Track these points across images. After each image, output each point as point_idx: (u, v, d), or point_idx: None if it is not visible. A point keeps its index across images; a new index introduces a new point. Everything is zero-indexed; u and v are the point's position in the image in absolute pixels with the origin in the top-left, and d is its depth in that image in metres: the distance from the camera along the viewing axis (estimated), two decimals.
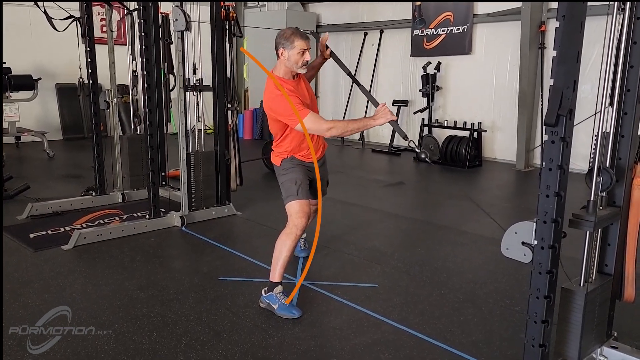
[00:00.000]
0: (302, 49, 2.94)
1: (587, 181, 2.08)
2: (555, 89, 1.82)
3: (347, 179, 6.62)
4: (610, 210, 2.17)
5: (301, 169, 3.17)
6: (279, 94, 2.94)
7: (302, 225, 3.03)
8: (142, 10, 4.34)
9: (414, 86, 8.70)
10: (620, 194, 2.19)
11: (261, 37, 9.60)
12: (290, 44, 2.94)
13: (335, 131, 2.94)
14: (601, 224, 2.11)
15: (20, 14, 8.17)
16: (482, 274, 3.64)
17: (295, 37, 2.95)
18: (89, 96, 5.11)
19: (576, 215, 2.03)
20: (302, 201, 3.06)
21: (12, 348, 2.60)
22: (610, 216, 2.15)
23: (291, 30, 3.00)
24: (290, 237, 3.01)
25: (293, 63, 2.97)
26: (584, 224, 2.01)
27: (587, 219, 2.00)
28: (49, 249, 4.01)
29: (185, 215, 4.62)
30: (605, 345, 2.32)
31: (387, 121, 2.93)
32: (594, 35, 2.51)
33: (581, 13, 1.80)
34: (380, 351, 2.63)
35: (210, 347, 2.64)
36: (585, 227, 2.02)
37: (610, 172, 2.09)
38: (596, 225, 2.01)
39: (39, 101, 8.53)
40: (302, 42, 2.94)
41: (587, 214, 2.02)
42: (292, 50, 2.95)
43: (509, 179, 7.04)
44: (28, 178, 5.92)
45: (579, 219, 2.02)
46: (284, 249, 3.01)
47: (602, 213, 2.10)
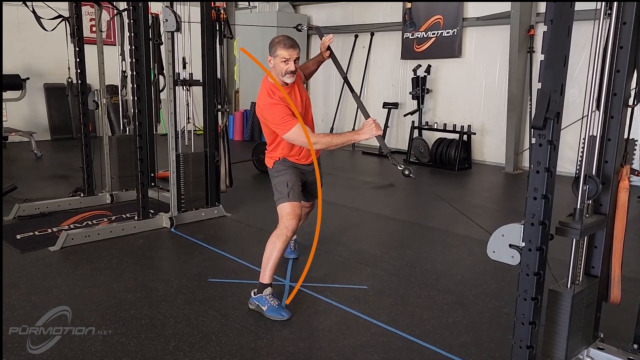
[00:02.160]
0: (284, 58, 2.93)
1: (573, 189, 2.10)
2: (542, 93, 1.84)
3: (337, 181, 6.62)
4: (597, 218, 2.19)
5: (293, 170, 3.17)
6: (271, 102, 2.96)
7: (293, 227, 3.04)
8: (131, 10, 4.32)
9: (404, 89, 8.72)
10: (606, 202, 2.21)
11: (252, 39, 9.60)
12: (274, 51, 2.95)
13: (320, 146, 2.98)
14: (587, 231, 2.13)
15: (9, 13, 8.08)
16: (470, 276, 3.66)
17: (278, 45, 2.94)
18: (78, 96, 5.08)
19: (563, 223, 2.05)
20: (293, 203, 3.06)
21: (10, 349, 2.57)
22: (596, 224, 2.17)
23: (278, 39, 2.99)
24: (280, 239, 3.01)
25: (279, 71, 2.98)
26: (570, 232, 2.03)
27: (573, 226, 2.03)
28: (36, 250, 3.97)
29: (175, 216, 4.60)
30: (592, 346, 2.33)
31: (372, 136, 2.94)
32: (582, 39, 2.54)
33: (569, 17, 1.82)
34: (369, 353, 2.64)
35: (198, 349, 2.63)
36: (572, 235, 2.04)
37: (597, 180, 2.10)
38: (582, 232, 2.03)
39: (27, 101, 8.47)
40: (285, 52, 2.92)
41: (574, 222, 2.04)
42: (276, 59, 2.96)
43: (498, 182, 7.09)
44: (15, 178, 5.86)
45: (565, 227, 2.04)
46: (274, 250, 3.01)
47: (589, 221, 2.11)
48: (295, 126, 2.91)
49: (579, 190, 2.07)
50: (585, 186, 2.08)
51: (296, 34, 3.65)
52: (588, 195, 2.11)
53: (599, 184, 2.11)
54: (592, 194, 2.11)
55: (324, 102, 9.91)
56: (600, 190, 2.12)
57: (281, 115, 2.92)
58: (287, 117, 2.91)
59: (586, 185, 2.08)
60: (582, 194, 2.07)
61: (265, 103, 2.97)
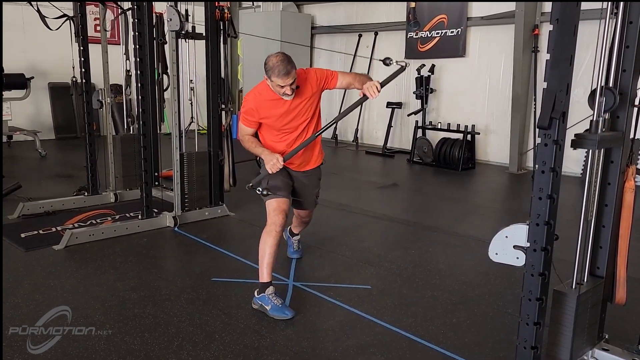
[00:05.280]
0: (279, 85, 2.92)
1: (589, 102, 2.01)
2: (548, 92, 1.83)
3: (341, 181, 6.62)
4: (613, 133, 2.10)
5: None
6: (249, 98, 3.13)
7: (281, 222, 3.06)
8: (136, 9, 4.32)
9: (408, 88, 8.71)
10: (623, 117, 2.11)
11: (256, 38, 9.60)
12: (270, 76, 2.92)
13: (242, 144, 3.22)
14: (604, 143, 2.02)
15: (13, 13, 8.11)
16: (474, 276, 3.65)
17: (273, 73, 2.87)
18: (82, 95, 5.09)
19: (579, 135, 1.96)
20: (278, 199, 3.11)
21: (12, 348, 2.57)
22: (613, 138, 2.08)
23: (273, 63, 2.88)
24: (270, 235, 3.04)
25: (275, 91, 3.00)
26: (586, 143, 1.94)
27: (589, 138, 1.95)
28: (40, 248, 3.98)
29: (178, 215, 4.60)
30: (597, 347, 2.33)
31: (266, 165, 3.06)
32: (587, 38, 2.53)
33: (574, 16, 1.81)
34: (373, 353, 2.63)
35: (202, 348, 2.63)
36: (589, 146, 1.95)
37: (614, 91, 2.01)
38: (599, 143, 1.95)
39: (31, 100, 8.48)
40: (279, 80, 2.88)
41: (590, 133, 1.97)
42: (271, 83, 2.96)
43: (502, 182, 7.07)
44: (20, 177, 5.87)
45: (581, 139, 1.95)
46: (266, 247, 3.03)
47: (605, 134, 2.02)
48: (241, 124, 3.19)
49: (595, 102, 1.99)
50: (602, 98, 1.99)
51: (299, 34, 3.65)
52: (605, 108, 2.01)
53: (616, 96, 2.01)
54: (609, 106, 2.02)
55: (328, 103, 9.91)
56: (617, 103, 2.01)
57: (243, 110, 3.15)
58: (243, 115, 3.14)
59: (603, 97, 1.99)
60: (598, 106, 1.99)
61: (248, 94, 3.16)
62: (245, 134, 3.19)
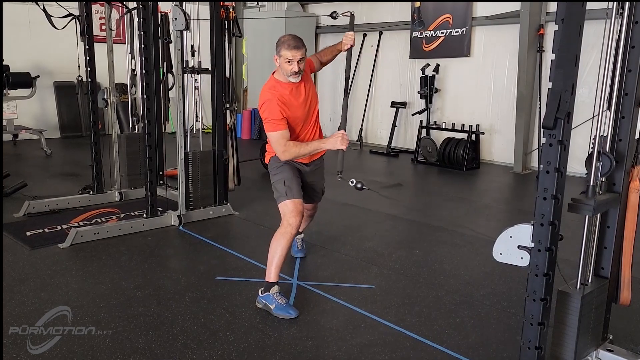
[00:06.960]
0: (288, 59, 2.95)
1: (586, 166, 2.04)
2: (553, 92, 1.83)
3: (345, 180, 6.61)
4: (609, 196, 2.12)
5: (290, 167, 3.19)
6: (269, 97, 3.02)
7: (296, 224, 3.05)
8: (141, 9, 4.34)
9: (413, 88, 8.70)
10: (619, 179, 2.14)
11: (261, 37, 9.61)
12: (279, 51, 2.98)
13: (288, 155, 3.05)
14: (600, 208, 2.05)
15: (19, 12, 8.15)
16: (478, 276, 3.64)
17: (283, 46, 2.96)
18: (88, 94, 5.11)
19: (575, 200, 1.98)
20: (294, 200, 3.09)
21: (12, 348, 2.59)
22: (609, 201, 2.11)
23: (284, 38, 3.01)
24: (285, 237, 3.02)
25: (283, 71, 3.02)
26: (583, 208, 1.96)
27: (586, 202, 1.96)
28: (45, 247, 4.00)
29: (183, 214, 4.62)
30: (601, 348, 2.32)
31: (334, 148, 3.00)
32: (593, 38, 2.52)
33: (580, 16, 1.81)
34: (376, 352, 2.63)
35: (206, 347, 2.64)
36: (585, 212, 1.97)
37: (610, 156, 2.05)
38: (595, 209, 1.96)
39: (37, 99, 8.52)
40: (288, 52, 2.94)
41: (587, 198, 1.99)
42: (281, 59, 2.99)
43: (506, 182, 7.06)
44: (25, 176, 5.91)
45: (578, 203, 1.97)
46: (278, 248, 3.02)
47: (601, 198, 2.05)
48: (277, 132, 2.99)
49: (592, 166, 2.01)
50: (598, 162, 2.02)
51: (305, 33, 3.67)
52: (601, 172, 2.04)
53: (612, 161, 2.05)
54: (606, 171, 2.05)
55: (331, 102, 9.91)
56: (614, 166, 2.05)
57: (272, 115, 2.98)
58: (274, 121, 2.98)
59: (599, 161, 2.02)
60: (595, 170, 2.01)
61: (264, 97, 3.04)
62: (284, 141, 3.00)
